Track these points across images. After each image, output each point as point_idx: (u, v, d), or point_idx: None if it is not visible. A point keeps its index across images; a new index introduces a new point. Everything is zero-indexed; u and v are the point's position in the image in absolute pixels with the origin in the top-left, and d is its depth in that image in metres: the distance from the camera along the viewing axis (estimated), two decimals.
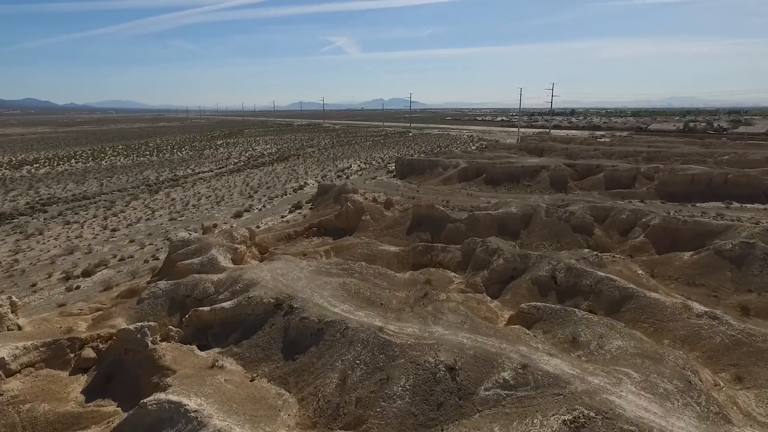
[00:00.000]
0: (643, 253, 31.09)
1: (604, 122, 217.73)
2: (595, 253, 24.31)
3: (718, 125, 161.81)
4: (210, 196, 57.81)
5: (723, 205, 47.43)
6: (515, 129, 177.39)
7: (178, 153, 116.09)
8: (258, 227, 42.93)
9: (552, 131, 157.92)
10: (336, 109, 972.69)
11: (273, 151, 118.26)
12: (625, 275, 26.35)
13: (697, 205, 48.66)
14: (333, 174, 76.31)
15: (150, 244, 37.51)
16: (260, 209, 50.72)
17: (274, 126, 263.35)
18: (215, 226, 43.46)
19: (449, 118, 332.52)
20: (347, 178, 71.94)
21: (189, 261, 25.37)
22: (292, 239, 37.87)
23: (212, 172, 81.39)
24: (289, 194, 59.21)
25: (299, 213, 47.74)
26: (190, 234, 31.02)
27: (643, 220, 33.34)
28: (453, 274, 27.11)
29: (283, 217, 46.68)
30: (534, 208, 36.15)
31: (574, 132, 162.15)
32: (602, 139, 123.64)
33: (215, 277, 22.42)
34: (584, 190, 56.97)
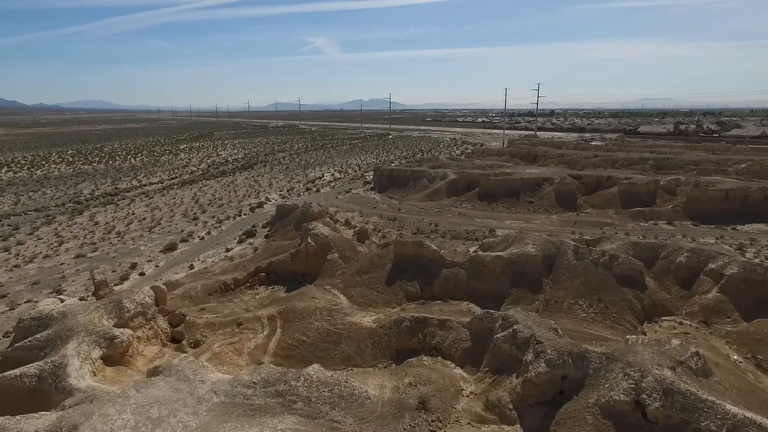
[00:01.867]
0: (723, 317, 21.92)
1: (588, 124, 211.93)
2: (696, 351, 14.79)
3: (707, 127, 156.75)
4: (144, 219, 46.88)
5: None
6: (499, 131, 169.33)
7: (132, 159, 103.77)
8: (191, 267, 32.58)
9: (537, 133, 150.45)
10: (314, 109, 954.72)
11: (239, 156, 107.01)
12: (722, 370, 17.13)
13: (738, 228, 40.26)
14: (301, 186, 65.99)
15: (27, 301, 26.73)
16: (202, 238, 40.18)
17: (247, 128, 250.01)
18: (134, 267, 32.98)
19: (429, 119, 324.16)
20: (317, 191, 61.82)
21: (19, 372, 15.00)
22: (230, 291, 27.66)
23: (161, 183, 70.06)
24: (245, 214, 48.77)
25: (250, 244, 37.45)
26: (61, 301, 20.53)
27: (712, 266, 24.17)
28: (459, 371, 17.43)
29: (228, 250, 36.32)
30: (557, 246, 26.70)
31: (560, 134, 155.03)
32: (594, 143, 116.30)
33: (33, 426, 12.14)
34: (597, 207, 48.13)
